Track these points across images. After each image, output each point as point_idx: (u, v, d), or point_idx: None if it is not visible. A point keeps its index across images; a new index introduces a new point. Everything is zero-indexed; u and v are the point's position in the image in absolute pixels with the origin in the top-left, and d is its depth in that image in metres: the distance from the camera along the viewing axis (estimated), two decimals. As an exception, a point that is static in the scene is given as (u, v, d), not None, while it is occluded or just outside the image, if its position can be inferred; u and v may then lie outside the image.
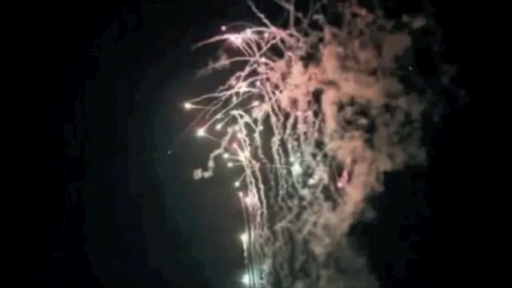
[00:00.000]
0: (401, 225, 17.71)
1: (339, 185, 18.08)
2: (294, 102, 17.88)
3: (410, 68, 16.95)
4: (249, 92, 17.92)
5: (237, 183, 18.57)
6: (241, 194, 18.60)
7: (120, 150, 18.73)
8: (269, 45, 17.44)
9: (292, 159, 18.34)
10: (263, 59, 17.66)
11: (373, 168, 17.58)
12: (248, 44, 17.58)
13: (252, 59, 17.54)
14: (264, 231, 18.70)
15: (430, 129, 17.17)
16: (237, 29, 17.49)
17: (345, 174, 18.01)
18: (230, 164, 18.48)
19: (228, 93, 17.67)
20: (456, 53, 16.78)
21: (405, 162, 17.33)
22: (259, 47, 17.60)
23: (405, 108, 17.10)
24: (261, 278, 18.73)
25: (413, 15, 16.71)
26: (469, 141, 17.31)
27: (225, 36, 17.46)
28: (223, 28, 17.40)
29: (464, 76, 16.77)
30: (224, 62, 17.32)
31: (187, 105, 18.07)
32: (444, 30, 16.66)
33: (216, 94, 17.70)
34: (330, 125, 17.70)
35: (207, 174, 18.19)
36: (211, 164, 18.19)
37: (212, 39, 17.33)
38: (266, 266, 18.72)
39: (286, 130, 18.15)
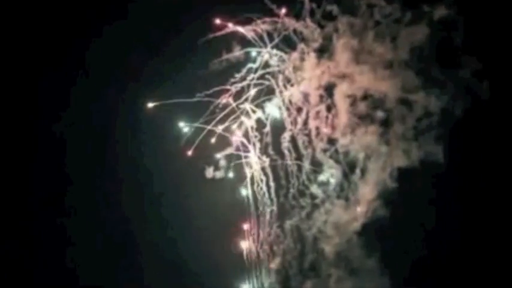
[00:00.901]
0: (414, 224, 17.19)
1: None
2: (306, 97, 17.32)
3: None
4: (261, 85, 17.37)
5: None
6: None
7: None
8: (281, 36, 16.83)
9: (302, 155, 17.82)
10: (275, 51, 17.11)
11: (388, 164, 16.97)
12: (260, 36, 17.02)
13: (264, 50, 16.91)
14: (273, 229, 18.20)
15: (449, 125, 16.58)
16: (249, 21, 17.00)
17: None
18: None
19: (240, 85, 17.12)
20: (478, 45, 16.12)
21: (421, 159, 16.74)
22: (272, 39, 17.05)
23: (423, 103, 16.49)
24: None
25: (434, 6, 16.07)
26: (489, 138, 16.71)
27: (237, 28, 16.96)
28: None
29: (487, 70, 16.09)
30: (236, 53, 16.86)
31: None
32: (466, 21, 16.00)
33: (227, 86, 17.25)
34: (343, 119, 17.13)
35: (219, 174, 17.81)
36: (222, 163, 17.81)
37: (223, 32, 16.89)
38: (275, 265, 18.25)
39: (297, 125, 17.63)
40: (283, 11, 16.78)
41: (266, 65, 17.23)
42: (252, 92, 17.45)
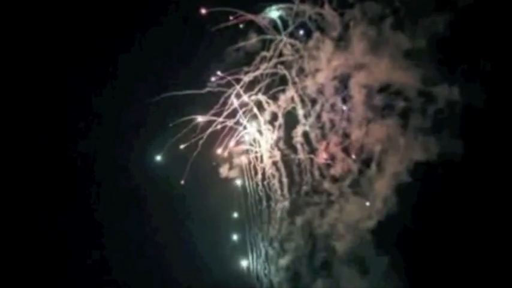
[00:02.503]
0: (431, 222, 16.72)
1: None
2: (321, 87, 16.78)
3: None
4: (275, 74, 16.85)
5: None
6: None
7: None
8: (297, 23, 16.23)
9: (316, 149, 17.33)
10: (289, 40, 16.59)
11: (405, 158, 16.43)
12: (275, 24, 16.53)
13: (279, 38, 16.41)
14: (283, 226, 17.78)
15: (469, 119, 16.04)
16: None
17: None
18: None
19: (253, 75, 16.62)
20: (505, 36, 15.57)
21: (439, 152, 16.19)
22: (286, 26, 16.50)
23: (443, 95, 15.93)
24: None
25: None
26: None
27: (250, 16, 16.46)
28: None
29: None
30: (250, 41, 16.37)
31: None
32: (492, 10, 15.45)
33: (239, 76, 16.75)
34: (359, 111, 16.60)
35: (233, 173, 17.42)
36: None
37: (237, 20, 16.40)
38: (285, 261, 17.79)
39: (310, 118, 17.11)
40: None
41: (280, 54, 16.70)
42: (265, 82, 16.97)
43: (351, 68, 16.45)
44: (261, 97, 17.01)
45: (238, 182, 17.62)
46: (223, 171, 17.48)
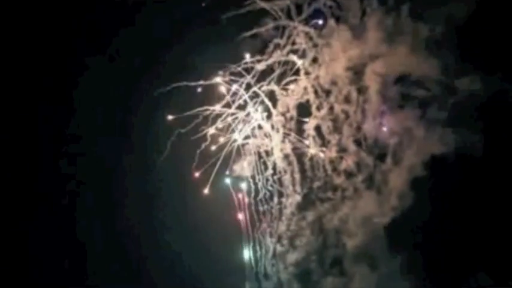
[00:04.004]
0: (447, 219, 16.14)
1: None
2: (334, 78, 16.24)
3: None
4: (287, 63, 16.32)
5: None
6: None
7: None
8: (312, 8, 15.63)
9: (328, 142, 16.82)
10: (303, 27, 16.02)
11: (421, 152, 15.87)
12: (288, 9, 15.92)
13: (292, 24, 15.87)
14: (293, 222, 17.28)
15: (491, 113, 15.48)
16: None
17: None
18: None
19: (265, 63, 16.12)
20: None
21: (457, 146, 15.64)
22: (300, 12, 15.97)
23: (463, 87, 15.36)
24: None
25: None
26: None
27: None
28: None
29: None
30: (263, 28, 15.83)
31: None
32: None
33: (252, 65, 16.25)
34: (374, 103, 16.04)
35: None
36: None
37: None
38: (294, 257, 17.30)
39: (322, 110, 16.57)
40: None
41: (294, 42, 16.19)
42: (277, 72, 16.49)
43: (367, 58, 15.91)
44: (274, 87, 16.57)
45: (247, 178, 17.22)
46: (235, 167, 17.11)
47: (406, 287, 16.41)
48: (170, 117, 16.84)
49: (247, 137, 17.15)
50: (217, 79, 16.72)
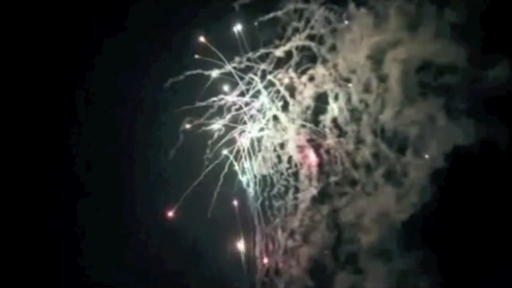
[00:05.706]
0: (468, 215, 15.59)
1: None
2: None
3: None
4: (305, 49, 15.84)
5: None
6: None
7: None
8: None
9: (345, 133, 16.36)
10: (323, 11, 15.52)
11: (442, 144, 15.27)
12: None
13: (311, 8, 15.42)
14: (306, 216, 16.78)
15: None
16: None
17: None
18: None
19: (283, 49, 15.67)
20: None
21: (481, 139, 15.00)
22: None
23: (489, 76, 14.79)
24: None
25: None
26: None
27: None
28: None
29: None
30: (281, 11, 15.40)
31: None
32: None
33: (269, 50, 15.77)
34: (395, 92, 15.49)
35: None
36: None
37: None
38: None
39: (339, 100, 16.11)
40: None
41: (312, 27, 15.73)
42: (294, 59, 16.05)
43: (388, 44, 15.39)
44: (291, 75, 16.14)
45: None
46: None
47: (423, 285, 15.89)
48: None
49: (261, 129, 16.70)
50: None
